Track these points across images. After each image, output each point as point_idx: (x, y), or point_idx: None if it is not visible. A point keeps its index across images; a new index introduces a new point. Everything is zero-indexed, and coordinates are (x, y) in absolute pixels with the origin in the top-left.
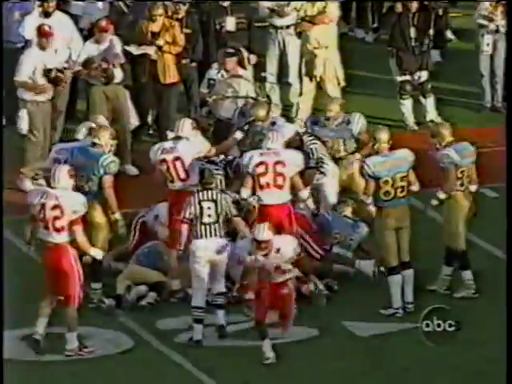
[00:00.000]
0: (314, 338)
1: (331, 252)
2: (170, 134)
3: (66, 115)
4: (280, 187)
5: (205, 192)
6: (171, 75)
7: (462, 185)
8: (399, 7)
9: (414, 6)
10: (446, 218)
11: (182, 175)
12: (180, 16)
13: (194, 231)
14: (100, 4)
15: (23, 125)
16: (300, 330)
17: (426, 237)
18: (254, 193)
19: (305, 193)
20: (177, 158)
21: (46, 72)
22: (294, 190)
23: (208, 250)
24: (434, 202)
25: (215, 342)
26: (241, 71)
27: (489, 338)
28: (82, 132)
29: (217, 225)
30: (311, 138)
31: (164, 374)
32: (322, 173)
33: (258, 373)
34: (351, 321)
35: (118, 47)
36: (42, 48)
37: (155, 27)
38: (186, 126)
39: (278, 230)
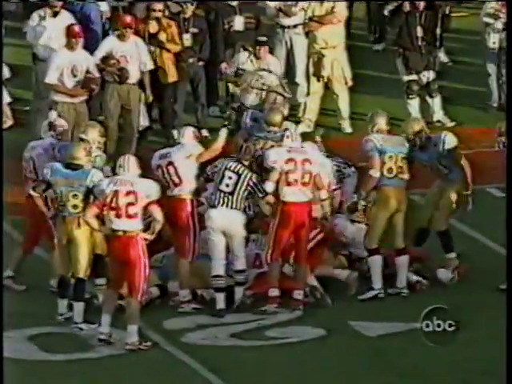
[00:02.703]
0: (320, 338)
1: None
2: (176, 134)
3: None
4: (306, 185)
5: (234, 163)
6: (171, 74)
7: None
8: (407, 6)
9: (422, 5)
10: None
11: (176, 180)
12: (186, 16)
13: (211, 197)
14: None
15: None
16: (307, 329)
17: (435, 236)
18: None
19: (324, 193)
20: (169, 163)
21: (74, 74)
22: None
23: (219, 219)
24: None
25: (223, 341)
26: (270, 58)
27: (489, 338)
28: (43, 128)
29: (231, 196)
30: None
31: (171, 374)
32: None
33: (265, 372)
34: (358, 321)
35: (144, 52)
36: (71, 49)
37: (152, 28)
38: (187, 133)
39: (299, 228)
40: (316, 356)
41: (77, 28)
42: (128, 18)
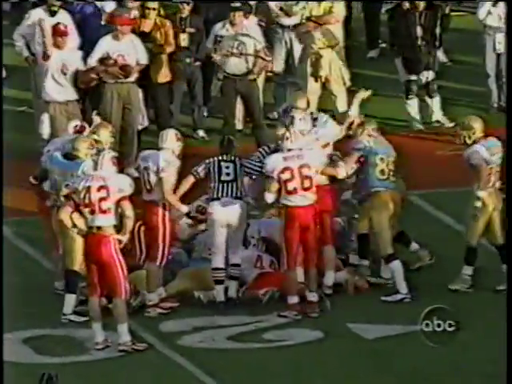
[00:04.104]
0: (318, 341)
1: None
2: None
3: None
4: (307, 189)
5: (224, 155)
6: (163, 74)
7: (489, 182)
8: (407, 5)
9: (422, 4)
10: (472, 216)
11: (147, 187)
12: (183, 15)
13: (211, 192)
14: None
15: (44, 129)
16: (305, 332)
17: (434, 238)
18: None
19: (342, 171)
20: (145, 168)
21: (64, 72)
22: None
23: (223, 210)
24: (478, 204)
25: (219, 344)
26: (246, 22)
27: (489, 338)
28: (70, 128)
29: (234, 183)
30: None
31: (167, 377)
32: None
33: (262, 375)
34: (356, 323)
35: (140, 48)
36: (58, 47)
37: (146, 27)
38: (169, 137)
39: (305, 231)
40: (314, 358)
41: (62, 27)
42: (123, 17)
